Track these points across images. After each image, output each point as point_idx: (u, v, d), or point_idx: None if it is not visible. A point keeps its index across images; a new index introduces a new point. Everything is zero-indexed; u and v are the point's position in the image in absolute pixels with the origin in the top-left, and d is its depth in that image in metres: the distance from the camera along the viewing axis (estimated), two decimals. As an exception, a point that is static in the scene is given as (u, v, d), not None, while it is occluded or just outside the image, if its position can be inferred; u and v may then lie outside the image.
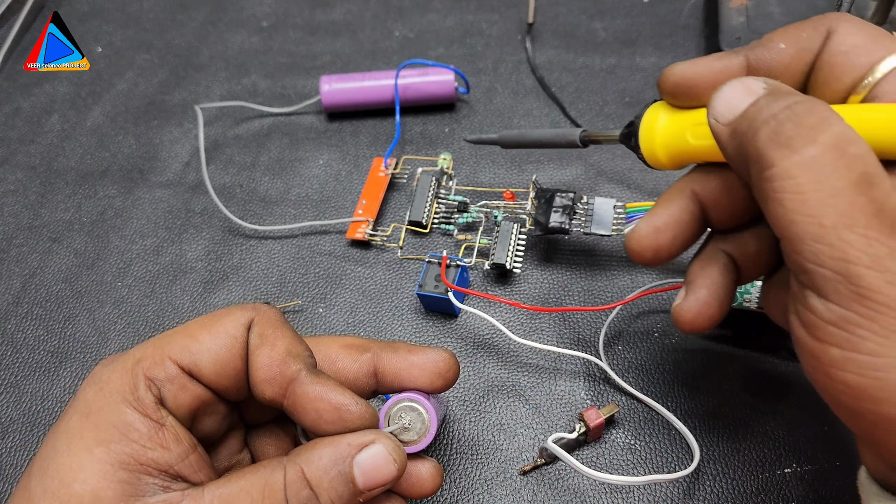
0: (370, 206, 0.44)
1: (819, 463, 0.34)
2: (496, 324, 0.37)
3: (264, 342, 0.25)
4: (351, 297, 0.41)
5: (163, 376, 0.24)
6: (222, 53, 0.56)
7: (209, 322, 0.25)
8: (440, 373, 0.27)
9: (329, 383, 0.25)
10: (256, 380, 0.25)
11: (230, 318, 0.25)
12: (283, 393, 0.25)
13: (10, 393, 0.39)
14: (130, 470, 0.22)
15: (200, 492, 0.23)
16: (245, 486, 0.23)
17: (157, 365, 0.24)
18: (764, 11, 0.47)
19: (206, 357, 0.24)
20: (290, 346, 0.25)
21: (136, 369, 0.24)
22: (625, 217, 0.38)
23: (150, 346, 0.25)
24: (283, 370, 0.25)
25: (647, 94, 0.49)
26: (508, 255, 0.39)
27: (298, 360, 0.25)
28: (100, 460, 0.22)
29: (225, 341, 0.25)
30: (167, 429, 0.24)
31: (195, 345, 0.25)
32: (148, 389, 0.24)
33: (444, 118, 0.49)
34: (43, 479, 0.22)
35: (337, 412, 0.24)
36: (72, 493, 0.22)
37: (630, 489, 0.33)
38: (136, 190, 0.48)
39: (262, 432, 0.29)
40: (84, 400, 0.24)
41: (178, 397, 0.24)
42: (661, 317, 0.39)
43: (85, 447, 0.22)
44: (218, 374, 0.25)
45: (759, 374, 0.36)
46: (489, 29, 0.54)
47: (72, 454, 0.22)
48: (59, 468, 0.22)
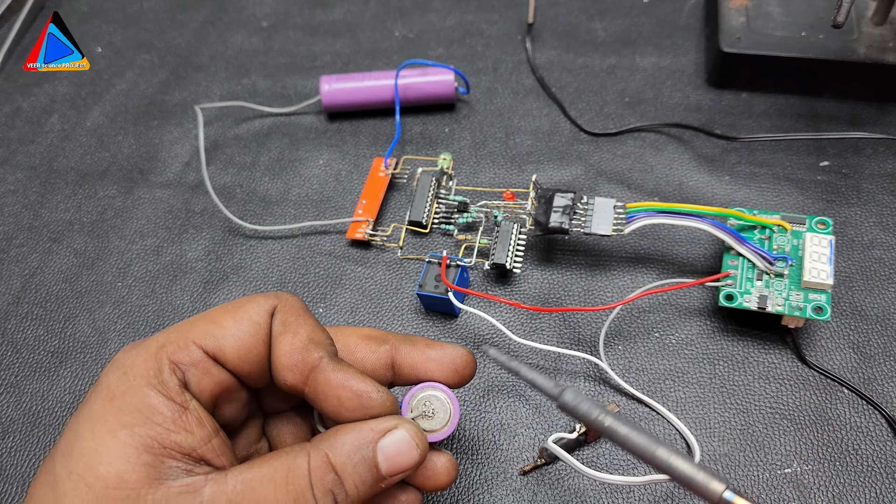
0: (370, 206, 0.44)
1: (819, 463, 0.34)
2: (496, 324, 0.37)
3: (287, 329, 0.25)
4: (351, 297, 0.41)
5: (187, 360, 0.24)
6: (222, 53, 0.56)
7: (233, 308, 0.25)
8: (457, 369, 0.28)
9: (350, 371, 0.25)
10: (279, 366, 0.25)
11: (254, 304, 0.25)
12: (305, 380, 0.25)
13: (11, 393, 0.39)
14: (154, 453, 0.23)
15: (224, 476, 0.23)
16: (268, 472, 0.23)
17: (181, 349, 0.24)
18: (764, 11, 0.47)
19: (230, 342, 0.25)
20: (313, 334, 0.25)
21: (160, 353, 0.24)
22: (625, 217, 0.38)
23: (173, 331, 0.25)
24: (305, 357, 0.25)
25: (647, 94, 0.49)
26: (508, 255, 0.39)
27: (320, 347, 0.25)
28: (124, 443, 0.22)
29: (248, 327, 0.25)
30: (191, 412, 0.24)
31: (219, 330, 0.25)
32: (172, 373, 0.24)
33: (444, 118, 0.49)
34: (67, 463, 0.23)
35: (358, 399, 0.25)
36: (97, 476, 0.22)
37: (630, 489, 0.33)
38: (136, 190, 0.48)
39: (280, 421, 0.29)
40: (107, 384, 0.24)
41: (201, 381, 0.24)
42: (661, 317, 0.39)
43: (109, 430, 0.23)
44: (241, 359, 0.25)
45: (759, 375, 0.36)
46: (489, 29, 0.54)
47: (96, 437, 0.23)
48: (84, 451, 0.22)
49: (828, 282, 0.35)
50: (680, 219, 0.37)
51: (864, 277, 0.39)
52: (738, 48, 0.46)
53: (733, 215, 0.38)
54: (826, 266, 0.35)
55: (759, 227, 0.38)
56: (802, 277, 0.35)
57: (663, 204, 0.38)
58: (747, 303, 0.36)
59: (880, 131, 0.45)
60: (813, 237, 0.36)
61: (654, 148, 0.46)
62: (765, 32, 0.46)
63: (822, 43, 0.45)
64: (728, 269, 0.37)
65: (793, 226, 0.38)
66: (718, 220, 0.37)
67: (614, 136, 0.47)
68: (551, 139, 0.47)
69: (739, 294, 0.36)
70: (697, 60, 0.50)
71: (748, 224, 0.38)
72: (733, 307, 0.36)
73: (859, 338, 0.37)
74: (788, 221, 0.38)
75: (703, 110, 0.47)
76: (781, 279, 0.36)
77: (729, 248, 0.37)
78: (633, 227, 0.38)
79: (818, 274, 0.35)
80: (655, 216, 0.38)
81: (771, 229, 0.38)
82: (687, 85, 0.49)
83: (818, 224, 0.38)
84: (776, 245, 0.37)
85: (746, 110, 0.47)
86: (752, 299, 0.36)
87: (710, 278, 0.37)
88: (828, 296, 0.35)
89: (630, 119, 0.47)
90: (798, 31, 0.46)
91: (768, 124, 0.46)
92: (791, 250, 0.37)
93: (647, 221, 0.38)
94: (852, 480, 0.33)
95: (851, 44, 0.45)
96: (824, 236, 0.36)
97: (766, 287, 0.36)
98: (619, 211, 0.39)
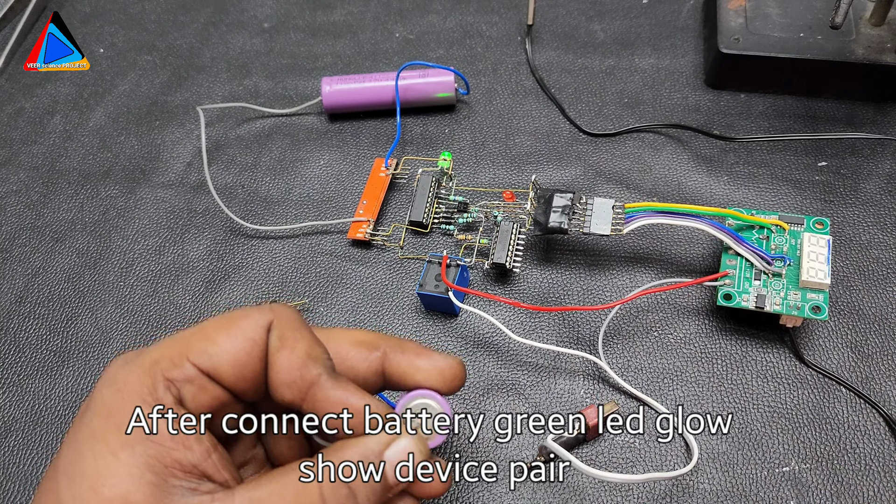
0: (371, 206, 0.44)
1: (817, 462, 0.34)
2: (496, 323, 0.37)
3: (284, 345, 0.25)
4: (352, 297, 0.42)
5: (182, 377, 0.24)
6: (224, 55, 0.56)
7: (227, 324, 0.25)
8: (445, 381, 0.27)
9: (350, 387, 0.25)
10: (276, 383, 0.25)
11: (248, 320, 0.25)
12: (303, 396, 0.25)
13: (13, 392, 0.40)
14: (157, 472, 0.22)
15: (230, 495, 0.23)
16: (276, 490, 0.23)
17: (175, 366, 0.24)
18: (762, 13, 0.47)
19: (226, 360, 0.24)
20: (310, 350, 0.25)
21: (154, 370, 0.24)
22: (623, 217, 0.38)
23: (166, 346, 0.25)
24: (303, 374, 0.25)
25: (646, 95, 0.49)
26: (508, 255, 0.40)
27: (318, 363, 0.25)
28: (126, 464, 0.22)
29: (244, 345, 0.24)
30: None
31: (214, 347, 0.24)
32: (167, 390, 0.23)
33: (445, 119, 0.49)
34: (71, 486, 0.22)
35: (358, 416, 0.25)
36: (102, 499, 0.22)
37: (629, 488, 0.34)
38: (138, 190, 0.48)
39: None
40: (101, 401, 0.24)
41: (196, 398, 0.24)
42: (659, 316, 0.39)
43: (110, 451, 0.22)
44: (237, 376, 0.24)
45: (758, 374, 0.37)
46: (489, 31, 0.54)
47: (97, 458, 0.22)
48: (87, 473, 0.22)
49: (825, 281, 0.35)
50: (678, 219, 0.38)
51: (861, 277, 0.39)
52: (737, 49, 0.46)
53: (731, 215, 0.38)
54: (824, 266, 0.36)
55: (756, 227, 0.38)
56: (800, 277, 0.36)
57: (662, 204, 0.38)
58: (745, 302, 0.36)
59: (878, 132, 0.45)
60: (811, 237, 0.37)
61: (653, 148, 0.46)
62: (763, 33, 0.46)
63: (820, 44, 0.45)
64: (726, 269, 0.37)
65: (790, 226, 0.38)
66: (716, 220, 0.37)
67: (613, 136, 0.47)
68: (550, 140, 0.47)
69: (737, 294, 0.36)
70: (696, 62, 0.50)
71: (746, 224, 0.38)
72: (731, 307, 0.36)
73: (857, 337, 0.37)
74: (786, 221, 0.38)
75: (702, 111, 0.48)
76: (779, 279, 0.36)
77: (727, 247, 0.38)
78: (631, 226, 0.38)
79: (816, 273, 0.35)
80: (654, 216, 0.38)
81: (769, 229, 0.38)
82: (685, 86, 0.49)
83: (816, 224, 0.38)
84: (774, 245, 0.38)
85: (745, 111, 0.47)
86: (750, 299, 0.36)
87: (709, 278, 0.37)
88: (825, 295, 0.35)
89: (629, 120, 0.48)
90: (796, 32, 0.46)
91: (766, 125, 0.46)
92: (789, 250, 0.37)
93: (646, 221, 0.38)
94: (850, 479, 0.33)
95: (849, 45, 0.45)
96: (822, 236, 0.37)
97: (764, 287, 0.36)
98: (617, 211, 0.39)
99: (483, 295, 0.38)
